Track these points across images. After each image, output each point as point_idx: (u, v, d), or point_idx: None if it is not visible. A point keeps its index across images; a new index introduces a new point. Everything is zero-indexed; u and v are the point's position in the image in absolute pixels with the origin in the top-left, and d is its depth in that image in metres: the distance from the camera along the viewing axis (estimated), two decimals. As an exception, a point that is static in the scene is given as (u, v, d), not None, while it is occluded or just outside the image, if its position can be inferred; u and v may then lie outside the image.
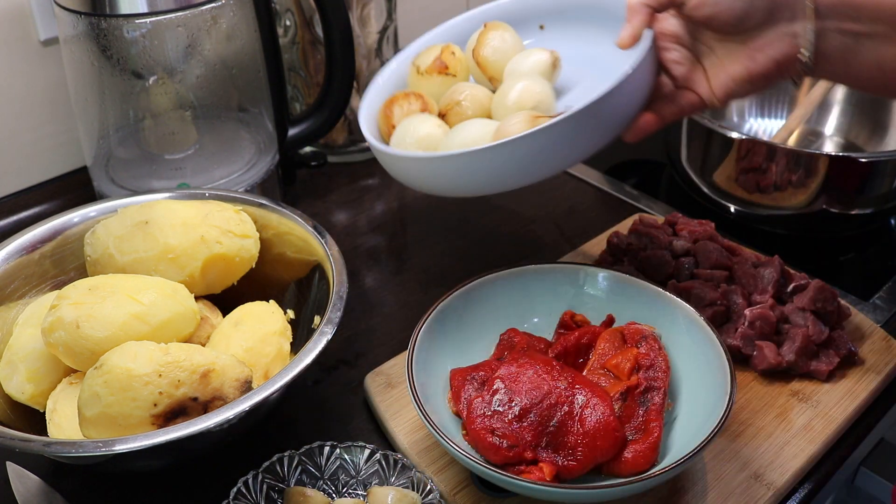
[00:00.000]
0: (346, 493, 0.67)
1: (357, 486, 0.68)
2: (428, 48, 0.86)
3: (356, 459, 0.68)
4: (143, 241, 0.73)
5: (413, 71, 0.85)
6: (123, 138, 0.96)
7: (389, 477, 0.67)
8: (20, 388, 0.69)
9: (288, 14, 1.04)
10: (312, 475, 0.67)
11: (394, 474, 0.67)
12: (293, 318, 0.77)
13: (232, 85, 0.96)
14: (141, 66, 0.90)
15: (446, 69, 0.83)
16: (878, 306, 0.90)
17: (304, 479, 0.67)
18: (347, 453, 0.68)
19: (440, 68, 0.83)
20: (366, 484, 0.67)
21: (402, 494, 0.64)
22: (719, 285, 0.83)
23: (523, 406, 0.64)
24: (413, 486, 0.66)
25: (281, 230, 0.80)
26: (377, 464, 0.68)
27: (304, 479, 0.67)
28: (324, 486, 0.67)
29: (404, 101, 0.82)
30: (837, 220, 0.98)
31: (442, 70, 0.83)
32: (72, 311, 0.66)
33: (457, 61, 0.84)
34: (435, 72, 0.83)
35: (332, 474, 0.68)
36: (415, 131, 0.78)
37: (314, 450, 0.68)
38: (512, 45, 0.82)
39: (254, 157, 1.00)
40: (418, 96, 0.82)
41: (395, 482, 0.67)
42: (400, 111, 0.81)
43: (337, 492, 0.67)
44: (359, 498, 0.66)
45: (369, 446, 0.68)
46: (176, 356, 0.62)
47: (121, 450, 0.58)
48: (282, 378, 0.62)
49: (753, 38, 0.66)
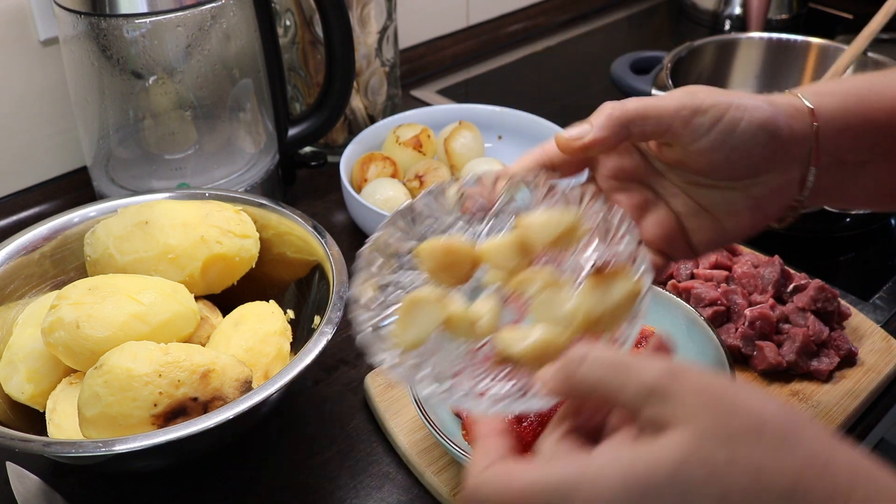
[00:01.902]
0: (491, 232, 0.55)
1: (502, 218, 0.55)
2: (409, 124, 1.06)
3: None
4: (143, 241, 0.73)
5: (392, 138, 1.04)
6: (123, 138, 0.96)
7: (533, 200, 0.55)
8: (20, 388, 0.69)
9: (288, 14, 1.04)
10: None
11: (539, 196, 0.54)
12: (293, 318, 0.77)
13: (232, 85, 0.96)
14: (141, 66, 0.90)
15: (420, 147, 1.03)
16: (878, 306, 0.90)
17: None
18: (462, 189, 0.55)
19: (415, 145, 1.03)
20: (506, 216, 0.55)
21: (557, 216, 0.52)
22: (719, 285, 0.83)
23: (523, 406, 0.64)
24: (565, 201, 0.53)
25: (281, 230, 0.80)
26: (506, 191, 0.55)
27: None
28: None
29: (381, 163, 1.00)
30: (837, 220, 0.98)
31: (416, 147, 1.03)
32: (72, 312, 0.66)
33: (430, 143, 1.05)
34: (410, 146, 1.03)
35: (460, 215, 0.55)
36: (384, 191, 0.96)
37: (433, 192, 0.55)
38: (475, 146, 1.04)
39: (254, 157, 1.00)
40: (393, 162, 1.01)
41: (543, 204, 0.54)
42: (375, 169, 1.00)
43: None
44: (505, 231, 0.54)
45: (490, 172, 0.54)
46: (176, 356, 0.62)
47: (121, 450, 0.58)
48: (282, 378, 0.62)
49: (761, 185, 0.55)
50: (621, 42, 1.56)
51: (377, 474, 0.72)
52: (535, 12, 1.54)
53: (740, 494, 0.38)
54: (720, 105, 0.52)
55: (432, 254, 0.52)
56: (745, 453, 0.38)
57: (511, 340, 0.48)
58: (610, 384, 0.41)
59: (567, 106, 1.29)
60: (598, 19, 1.61)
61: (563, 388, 0.42)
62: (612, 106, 0.53)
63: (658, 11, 1.67)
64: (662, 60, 1.15)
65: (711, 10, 1.56)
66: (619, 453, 0.39)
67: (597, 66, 1.40)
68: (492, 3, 1.48)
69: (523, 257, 0.52)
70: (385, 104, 1.15)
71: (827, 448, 0.39)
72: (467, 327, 0.50)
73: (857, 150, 0.56)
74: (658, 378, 0.40)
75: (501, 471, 0.42)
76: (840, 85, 0.57)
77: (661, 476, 0.38)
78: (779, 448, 0.38)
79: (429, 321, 0.50)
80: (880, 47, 1.12)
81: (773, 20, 1.51)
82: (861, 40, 1.08)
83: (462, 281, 0.53)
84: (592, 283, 0.48)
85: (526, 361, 0.48)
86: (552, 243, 0.52)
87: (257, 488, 0.70)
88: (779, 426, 0.39)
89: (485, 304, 0.51)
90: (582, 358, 0.41)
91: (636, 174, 0.57)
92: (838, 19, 1.56)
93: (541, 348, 0.48)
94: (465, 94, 1.36)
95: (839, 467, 0.39)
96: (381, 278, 0.53)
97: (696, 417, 0.39)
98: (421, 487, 0.70)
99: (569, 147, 0.53)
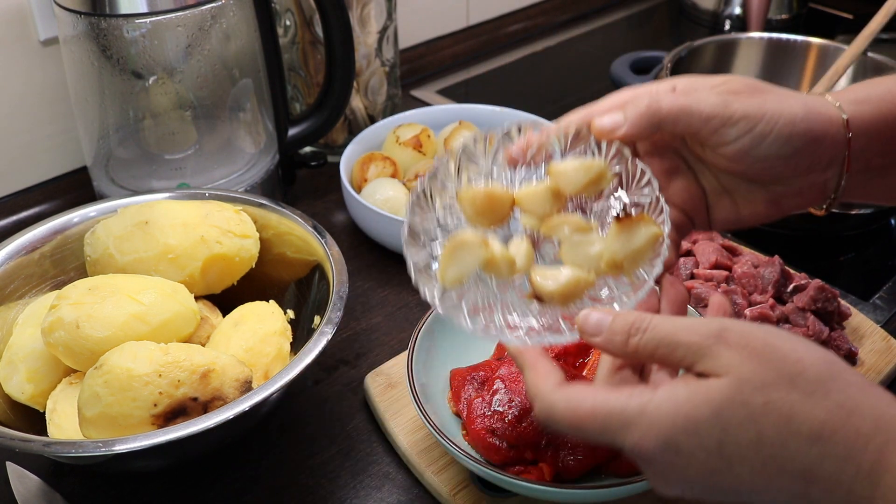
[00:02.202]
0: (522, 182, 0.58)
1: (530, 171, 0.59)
2: (409, 124, 1.06)
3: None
4: (143, 241, 0.73)
5: (392, 138, 1.04)
6: (123, 138, 0.96)
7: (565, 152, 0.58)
8: (20, 388, 0.69)
9: (288, 14, 1.04)
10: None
11: (569, 147, 0.58)
12: (293, 318, 0.77)
13: (232, 85, 0.96)
14: (141, 66, 0.90)
15: (420, 147, 1.03)
16: (878, 306, 0.90)
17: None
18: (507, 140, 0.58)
19: (415, 145, 1.03)
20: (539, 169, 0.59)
21: (587, 164, 0.56)
22: (719, 285, 0.83)
23: (523, 406, 0.64)
24: (594, 153, 0.57)
25: (281, 230, 0.80)
26: None
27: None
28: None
29: (381, 163, 1.00)
30: (837, 220, 0.98)
31: (416, 147, 1.03)
32: (72, 312, 0.66)
33: (430, 143, 1.04)
34: (410, 146, 1.03)
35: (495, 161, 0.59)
36: (384, 191, 0.95)
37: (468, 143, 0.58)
38: None
39: (254, 157, 1.00)
40: (392, 162, 1.01)
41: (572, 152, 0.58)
42: (375, 170, 1.00)
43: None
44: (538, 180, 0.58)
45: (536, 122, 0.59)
46: (176, 356, 0.62)
47: (121, 450, 0.58)
48: (282, 378, 0.62)
49: (782, 185, 0.56)
50: (621, 42, 1.56)
51: (377, 474, 0.72)
52: (535, 12, 1.54)
53: (773, 435, 0.43)
54: (751, 118, 0.53)
55: (473, 199, 0.56)
56: (778, 399, 0.43)
57: (543, 280, 0.54)
58: (664, 351, 0.47)
59: (567, 106, 1.28)
60: (598, 19, 1.61)
61: (623, 351, 0.48)
62: (648, 103, 0.54)
63: (658, 11, 1.67)
64: (662, 60, 1.15)
65: (711, 10, 1.56)
66: (676, 392, 0.45)
67: (597, 66, 1.40)
68: (492, 3, 1.48)
69: (554, 203, 0.57)
70: (385, 104, 1.15)
71: (856, 395, 0.44)
72: (505, 267, 0.55)
73: (885, 155, 0.57)
74: (705, 340, 0.45)
75: (571, 392, 0.48)
76: (874, 89, 0.57)
77: (706, 414, 0.44)
78: (810, 395, 0.43)
79: (470, 261, 0.54)
80: (880, 47, 1.12)
81: (773, 20, 1.51)
82: (861, 40, 1.08)
83: (499, 223, 0.58)
84: (617, 229, 0.53)
85: (556, 298, 0.54)
86: (581, 190, 0.56)
87: (257, 488, 0.70)
88: (813, 375, 0.44)
89: (520, 247, 0.56)
90: (643, 328, 0.47)
91: (671, 144, 0.59)
92: (838, 19, 1.56)
93: (570, 287, 0.53)
94: (465, 94, 1.36)
95: (864, 414, 0.43)
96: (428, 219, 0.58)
97: (738, 368, 0.44)
98: (421, 487, 0.70)
99: (602, 136, 0.56)
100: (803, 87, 1.20)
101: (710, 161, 0.57)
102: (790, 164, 0.54)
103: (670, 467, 0.45)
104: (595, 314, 0.49)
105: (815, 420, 0.43)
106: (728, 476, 0.44)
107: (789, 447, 0.43)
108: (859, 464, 0.42)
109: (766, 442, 0.43)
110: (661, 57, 1.17)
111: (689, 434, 0.44)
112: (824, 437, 0.43)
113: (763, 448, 0.43)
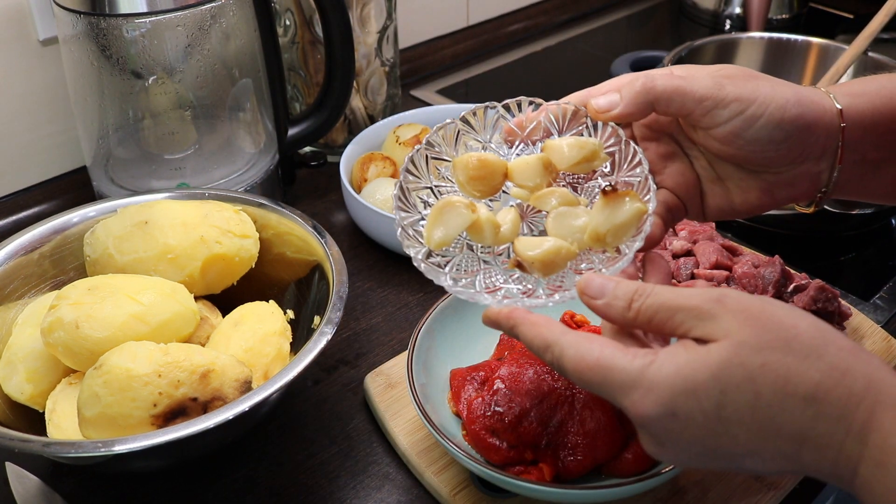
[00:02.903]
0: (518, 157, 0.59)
1: (526, 147, 0.60)
2: (409, 124, 1.06)
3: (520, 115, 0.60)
4: (142, 241, 0.73)
5: (392, 138, 1.04)
6: (123, 138, 0.96)
7: (562, 130, 0.59)
8: (20, 388, 0.69)
9: (288, 14, 1.04)
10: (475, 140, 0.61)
11: (565, 123, 0.59)
12: (293, 318, 0.77)
13: (232, 85, 0.95)
14: (140, 66, 0.89)
15: None
16: (879, 306, 0.90)
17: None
18: (506, 110, 0.60)
19: (415, 145, 0.97)
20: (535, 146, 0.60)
21: (581, 141, 0.57)
22: (720, 285, 0.82)
23: (523, 406, 0.64)
24: (591, 133, 0.59)
25: (281, 230, 0.80)
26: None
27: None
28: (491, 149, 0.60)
29: (380, 163, 1.00)
30: (837, 220, 0.98)
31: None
32: (71, 312, 0.66)
33: None
34: (410, 146, 1.01)
35: (495, 137, 0.61)
36: (384, 191, 0.95)
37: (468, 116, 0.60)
38: None
39: (253, 157, 1.00)
40: (392, 162, 1.01)
41: (569, 132, 0.59)
42: (375, 170, 1.00)
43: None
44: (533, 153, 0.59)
45: (534, 100, 0.59)
46: (176, 356, 0.62)
47: (121, 450, 0.58)
48: (282, 378, 0.62)
49: (774, 174, 0.57)
50: (621, 42, 1.56)
51: (377, 474, 0.72)
52: (535, 12, 1.54)
53: (770, 396, 0.44)
54: (743, 100, 0.54)
55: (467, 166, 0.57)
56: (775, 361, 0.44)
57: (527, 246, 0.54)
58: (664, 315, 0.48)
59: (567, 106, 1.29)
60: (598, 19, 1.61)
61: (624, 316, 0.49)
62: (643, 82, 0.55)
63: (658, 11, 1.67)
64: (662, 60, 1.15)
65: (711, 10, 1.56)
66: (676, 355, 0.46)
67: (597, 66, 1.40)
68: (492, 3, 1.48)
69: (546, 176, 0.57)
70: (385, 104, 1.15)
71: (848, 358, 0.45)
72: (490, 232, 0.56)
73: (881, 148, 0.58)
74: (705, 304, 0.46)
75: (581, 338, 0.49)
76: (869, 85, 0.58)
77: (705, 376, 0.45)
78: (805, 358, 0.45)
79: (456, 224, 0.55)
80: (880, 47, 1.12)
81: (774, 20, 1.51)
82: (861, 40, 1.08)
83: (491, 193, 0.58)
84: (603, 202, 0.54)
85: (537, 266, 0.54)
86: (573, 166, 0.57)
87: (257, 488, 0.70)
88: (807, 339, 0.45)
89: (507, 214, 0.57)
90: (646, 293, 0.48)
91: (668, 128, 0.60)
92: (838, 19, 1.56)
93: (552, 255, 0.54)
94: (465, 93, 1.36)
95: (857, 374, 0.44)
96: (421, 185, 0.59)
97: (736, 332, 0.45)
98: (421, 487, 0.70)
99: (598, 115, 0.57)
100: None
101: (702, 143, 0.57)
102: (781, 149, 0.55)
103: (666, 431, 0.46)
104: (598, 278, 0.50)
105: (810, 381, 0.44)
106: (724, 439, 0.45)
107: (786, 408, 0.44)
108: (850, 423, 0.43)
109: (762, 403, 0.44)
110: (661, 57, 1.17)
111: (687, 396, 0.45)
112: (818, 397, 0.44)
113: (760, 409, 0.44)
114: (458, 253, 0.58)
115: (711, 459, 0.47)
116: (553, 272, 0.55)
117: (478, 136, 0.60)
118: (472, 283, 0.56)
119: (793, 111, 0.54)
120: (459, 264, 0.57)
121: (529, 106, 0.59)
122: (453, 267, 0.57)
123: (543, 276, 0.55)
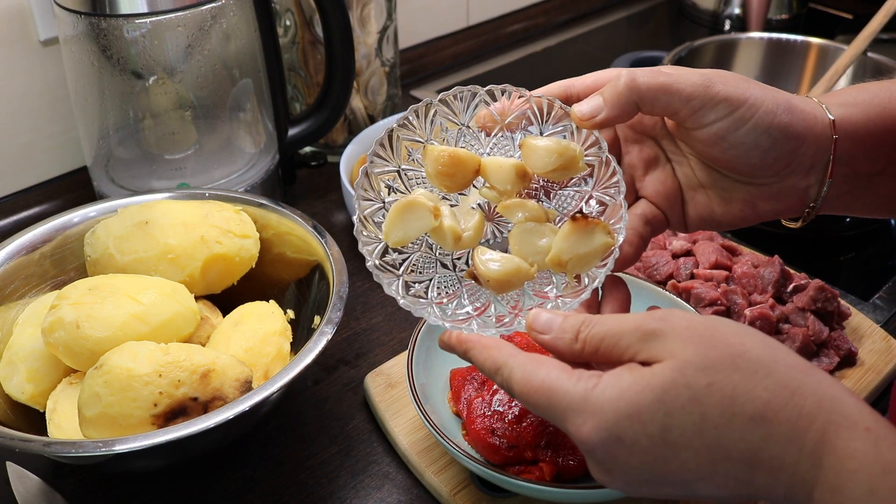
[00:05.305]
0: (495, 148, 0.57)
1: (505, 137, 0.57)
2: None
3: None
4: (143, 241, 0.73)
5: None
6: (123, 138, 0.96)
7: (544, 125, 0.56)
8: (20, 388, 0.69)
9: (288, 14, 1.04)
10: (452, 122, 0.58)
11: (548, 121, 0.56)
12: (293, 318, 0.77)
13: (232, 85, 0.96)
14: (141, 66, 0.90)
15: None
16: (878, 306, 0.90)
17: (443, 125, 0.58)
18: (490, 96, 0.56)
19: None
20: (514, 136, 0.57)
21: (561, 147, 0.54)
22: (719, 285, 0.83)
23: (523, 406, 0.64)
24: (573, 135, 0.56)
25: (281, 230, 0.80)
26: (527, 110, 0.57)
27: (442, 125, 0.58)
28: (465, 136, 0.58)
29: None
30: (837, 220, 0.98)
31: None
32: (72, 312, 0.66)
33: None
34: None
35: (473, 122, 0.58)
36: None
37: (448, 98, 0.57)
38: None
39: (254, 157, 1.00)
40: None
41: (550, 131, 0.56)
42: None
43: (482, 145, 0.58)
44: (510, 150, 0.57)
45: (518, 89, 0.56)
46: (176, 356, 0.62)
47: (121, 450, 0.58)
48: (282, 378, 0.62)
49: (758, 186, 0.55)
50: (621, 42, 1.56)
51: (377, 474, 0.72)
52: (535, 12, 1.54)
53: (716, 417, 0.42)
54: (732, 101, 0.52)
55: (437, 160, 0.55)
56: (721, 380, 0.43)
57: (484, 262, 0.53)
58: (610, 342, 0.46)
59: (567, 106, 1.29)
60: (598, 19, 1.61)
61: (571, 348, 0.48)
62: (626, 81, 0.53)
63: (658, 11, 1.67)
64: (662, 60, 1.15)
65: (711, 10, 1.57)
66: (620, 378, 0.44)
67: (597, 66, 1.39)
68: (492, 3, 1.48)
69: (519, 182, 0.55)
70: (385, 104, 1.15)
71: (798, 376, 0.43)
72: (451, 241, 0.54)
73: (874, 161, 0.55)
74: (648, 324, 0.45)
75: (528, 360, 0.48)
76: (861, 94, 0.56)
77: (650, 399, 0.43)
78: (752, 375, 0.43)
79: (417, 227, 0.54)
80: (880, 47, 1.12)
81: (773, 20, 1.51)
82: (861, 40, 1.08)
83: (460, 189, 0.56)
84: (570, 228, 0.52)
85: (492, 284, 0.53)
86: (549, 173, 0.55)
87: (257, 488, 0.70)
88: (755, 356, 0.44)
89: (471, 219, 0.55)
90: (592, 323, 0.47)
91: (652, 131, 0.58)
92: (838, 19, 1.56)
93: (509, 276, 0.53)
94: (465, 94, 1.36)
95: (806, 393, 0.42)
96: (388, 166, 0.57)
97: (681, 351, 0.44)
98: (421, 487, 0.70)
99: (582, 124, 0.55)
100: (803, 86, 1.21)
101: (685, 142, 0.55)
102: (767, 158, 0.53)
103: (612, 458, 0.44)
104: (545, 313, 0.50)
105: (758, 400, 0.42)
106: (672, 464, 0.43)
107: (734, 428, 0.42)
108: (802, 445, 0.42)
109: (709, 424, 0.42)
110: (661, 57, 1.17)
111: (631, 420, 0.43)
112: (768, 417, 0.42)
113: (707, 431, 0.42)
114: (417, 250, 0.56)
115: (662, 486, 0.45)
116: (508, 291, 0.54)
117: (455, 119, 0.57)
118: (425, 292, 0.54)
119: (783, 118, 0.52)
120: (416, 263, 0.56)
121: (515, 93, 0.57)
122: (408, 267, 0.55)
123: (497, 293, 0.54)
